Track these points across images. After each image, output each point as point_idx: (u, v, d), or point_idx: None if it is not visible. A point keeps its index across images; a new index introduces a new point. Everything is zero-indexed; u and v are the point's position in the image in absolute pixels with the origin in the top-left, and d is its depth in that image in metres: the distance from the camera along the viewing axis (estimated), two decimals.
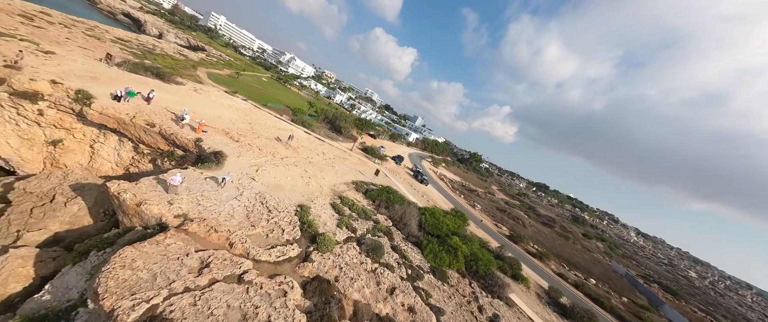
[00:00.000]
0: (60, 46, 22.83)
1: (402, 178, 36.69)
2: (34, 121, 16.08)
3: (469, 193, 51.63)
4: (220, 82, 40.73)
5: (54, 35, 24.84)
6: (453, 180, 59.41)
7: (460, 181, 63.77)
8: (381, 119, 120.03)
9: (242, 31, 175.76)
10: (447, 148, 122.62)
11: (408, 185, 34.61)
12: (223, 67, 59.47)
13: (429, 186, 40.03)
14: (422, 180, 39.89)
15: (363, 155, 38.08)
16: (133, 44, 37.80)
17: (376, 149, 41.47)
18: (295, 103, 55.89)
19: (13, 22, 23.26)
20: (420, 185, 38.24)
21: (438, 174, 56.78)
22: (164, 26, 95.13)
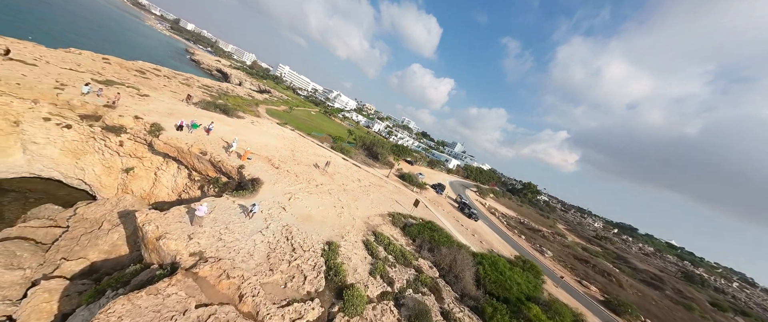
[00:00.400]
0: (155, 92, 27.13)
1: (445, 210, 31.74)
2: (115, 151, 17.94)
3: (531, 233, 42.36)
4: (275, 115, 44.41)
5: (155, 84, 30.20)
6: (507, 215, 50.40)
7: (516, 216, 53.94)
8: (418, 145, 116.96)
9: (301, 77, 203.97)
10: (493, 176, 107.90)
11: (453, 219, 29.45)
12: (280, 104, 66.52)
13: (479, 222, 33.43)
14: (470, 214, 33.86)
15: (400, 183, 34.90)
16: (214, 89, 44.58)
17: (414, 176, 37.90)
18: (337, 131, 57.67)
19: (128, 74, 29.11)
20: (468, 221, 32.21)
21: (487, 207, 49.14)
22: (243, 77, 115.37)
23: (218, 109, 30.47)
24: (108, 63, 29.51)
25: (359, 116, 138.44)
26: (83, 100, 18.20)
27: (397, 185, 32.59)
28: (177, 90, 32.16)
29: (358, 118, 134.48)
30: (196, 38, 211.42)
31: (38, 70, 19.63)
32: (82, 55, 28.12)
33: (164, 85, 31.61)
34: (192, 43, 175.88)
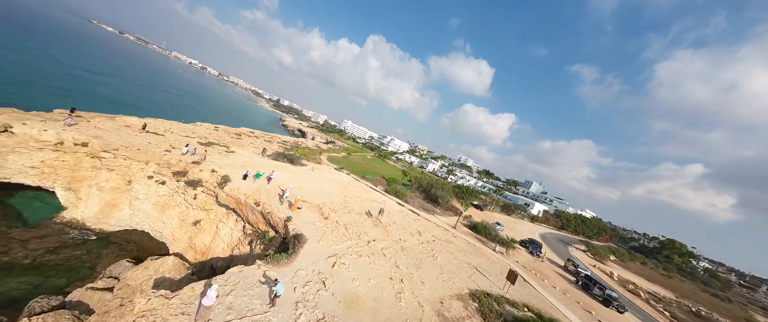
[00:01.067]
0: (241, 148, 30.30)
1: (558, 287, 20.45)
2: (189, 204, 18.26)
3: None
4: (334, 161, 45.16)
5: (244, 142, 34.63)
6: (658, 295, 31.05)
7: (675, 298, 32.94)
8: (483, 186, 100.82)
9: (360, 127, 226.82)
10: (602, 227, 77.35)
11: (579, 306, 18.29)
12: (340, 151, 70.33)
13: (627, 314, 20.22)
14: (608, 298, 20.61)
15: (472, 236, 26.39)
16: (289, 144, 49.88)
17: (490, 227, 28.54)
18: (391, 173, 54.49)
19: (228, 137, 34.33)
20: (605, 311, 19.38)
21: (616, 278, 32.20)
22: (316, 132, 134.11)
23: (286, 158, 31.82)
24: (216, 130, 36.07)
25: (412, 157, 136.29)
26: (179, 158, 20.30)
27: (470, 240, 24.35)
28: (259, 146, 36.14)
29: (410, 159, 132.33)
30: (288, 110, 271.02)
31: (162, 138, 23.94)
32: (201, 127, 35.23)
33: (251, 143, 36.08)
34: (285, 114, 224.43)
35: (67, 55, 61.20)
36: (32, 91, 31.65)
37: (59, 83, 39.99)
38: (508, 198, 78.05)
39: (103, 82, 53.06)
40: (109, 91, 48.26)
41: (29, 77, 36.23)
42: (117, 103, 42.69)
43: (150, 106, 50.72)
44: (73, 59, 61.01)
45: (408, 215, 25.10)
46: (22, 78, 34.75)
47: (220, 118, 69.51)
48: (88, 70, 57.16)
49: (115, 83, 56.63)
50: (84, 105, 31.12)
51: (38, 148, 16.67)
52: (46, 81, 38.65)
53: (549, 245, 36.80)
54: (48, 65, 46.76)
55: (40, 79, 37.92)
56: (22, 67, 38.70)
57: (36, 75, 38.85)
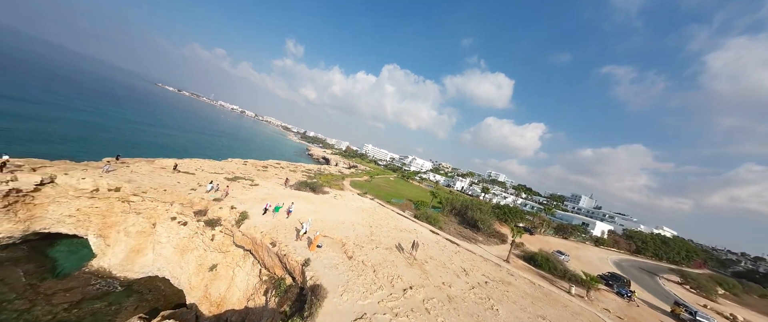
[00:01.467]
0: (264, 180, 29.87)
1: None
2: (207, 246, 16.88)
3: None
4: (357, 186, 43.10)
5: (269, 174, 34.60)
6: None
7: None
8: (523, 204, 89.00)
9: (381, 150, 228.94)
10: (691, 248, 61.31)
11: None
12: (363, 175, 68.79)
13: None
14: None
15: (533, 271, 20.82)
16: (313, 172, 49.71)
17: (552, 259, 22.44)
18: (417, 195, 50.33)
19: (254, 170, 34.70)
20: None
21: None
22: (339, 159, 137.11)
23: (308, 187, 30.52)
24: (244, 164, 36.99)
25: (436, 176, 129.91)
26: (201, 196, 19.71)
27: (533, 279, 18.94)
28: (283, 176, 35.91)
29: (435, 178, 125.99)
30: (313, 140, 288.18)
31: (192, 177, 24.26)
32: (231, 162, 36.42)
33: (275, 174, 36.02)
34: (311, 144, 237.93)
35: (135, 113, 72.77)
36: (100, 145, 36.40)
37: (123, 136, 46.15)
38: (560, 218, 65.78)
39: (161, 133, 60.68)
40: (163, 139, 54.60)
41: (99, 134, 42.36)
42: (166, 147, 47.46)
43: (194, 148, 55.78)
44: (139, 116, 72.12)
45: (446, 246, 20.86)
46: (94, 135, 40.73)
47: (252, 153, 74.19)
48: (150, 123, 66.58)
49: (169, 132, 64.56)
50: (138, 152, 34.45)
51: (76, 196, 17.13)
52: (113, 135, 44.85)
53: (632, 279, 28.15)
54: (119, 124, 55.14)
55: (108, 135, 44.12)
56: (95, 127, 45.72)
57: (105, 132, 45.42)
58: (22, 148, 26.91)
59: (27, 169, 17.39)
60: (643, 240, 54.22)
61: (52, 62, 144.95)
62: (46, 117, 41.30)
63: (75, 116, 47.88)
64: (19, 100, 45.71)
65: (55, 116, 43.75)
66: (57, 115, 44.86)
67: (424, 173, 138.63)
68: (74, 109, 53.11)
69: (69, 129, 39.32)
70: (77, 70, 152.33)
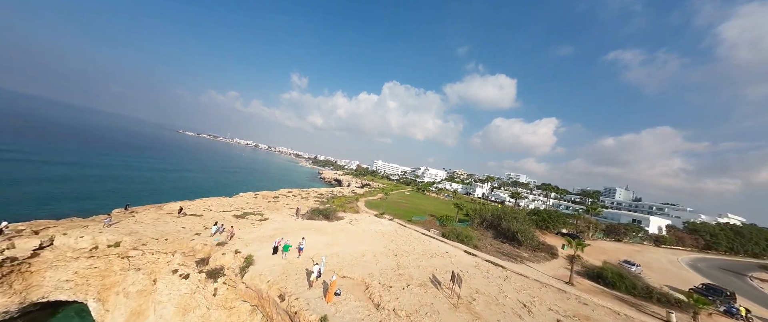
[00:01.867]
0: (275, 212, 27.94)
1: None
2: (209, 303, 14.49)
3: None
4: (372, 206, 40.23)
5: (280, 204, 32.82)
6: None
7: None
8: (556, 204, 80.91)
9: (391, 165, 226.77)
10: None
11: None
12: (377, 192, 65.91)
13: None
14: None
15: (607, 293, 16.42)
16: (325, 196, 47.69)
17: (625, 274, 17.63)
18: (439, 209, 46.35)
19: (265, 202, 33.11)
20: None
21: None
22: (350, 178, 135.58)
23: (321, 215, 28.20)
24: (255, 198, 35.64)
25: (453, 184, 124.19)
26: (205, 241, 17.78)
27: (612, 306, 14.60)
28: (294, 205, 34.03)
29: (452, 186, 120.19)
30: (324, 163, 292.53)
31: (199, 219, 22.72)
32: (241, 197, 35.23)
33: (287, 204, 34.21)
34: (322, 167, 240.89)
35: (158, 161, 76.10)
36: (120, 196, 36.60)
37: (144, 185, 47.01)
38: (606, 217, 57.27)
39: (180, 176, 62.19)
40: (182, 182, 55.51)
41: (121, 186, 43.28)
42: (184, 189, 47.72)
43: (211, 186, 56.24)
44: (162, 163, 75.34)
45: (490, 271, 17.12)
46: (117, 188, 41.60)
47: (265, 184, 74.29)
48: (171, 169, 68.93)
49: (188, 174, 66.26)
50: (155, 198, 34.14)
51: (74, 257, 15.71)
52: (135, 185, 45.76)
53: (722, 284, 22.10)
54: (143, 173, 57.13)
55: (130, 185, 45.06)
56: (119, 179, 47.07)
57: (127, 183, 46.53)
58: (47, 208, 27.07)
59: (28, 232, 16.42)
60: (711, 233, 45.82)
61: (86, 124, 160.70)
62: (78, 176, 43.12)
63: (104, 172, 49.89)
64: (54, 163, 48.65)
65: (87, 174, 45.65)
66: (89, 173, 46.83)
67: (439, 182, 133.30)
68: (103, 166, 55.90)
69: (96, 185, 40.45)
70: (109, 129, 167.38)
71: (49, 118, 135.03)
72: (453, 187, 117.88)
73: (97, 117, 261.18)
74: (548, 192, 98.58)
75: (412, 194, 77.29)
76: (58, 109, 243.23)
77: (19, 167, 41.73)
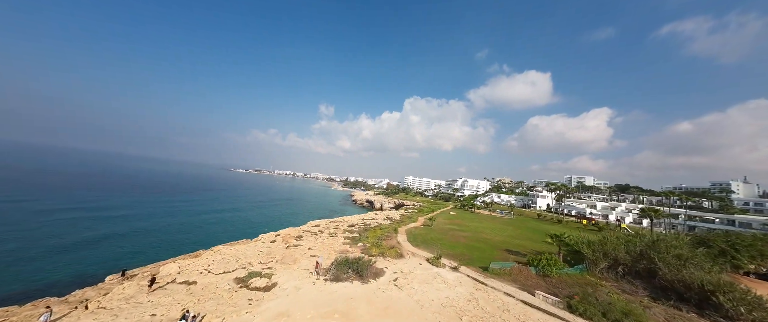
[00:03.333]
0: (289, 267, 20.13)
1: None
2: None
3: None
4: (419, 241, 29.91)
5: (300, 251, 25.14)
6: None
7: None
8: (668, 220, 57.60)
9: (423, 179, 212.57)
10: None
11: None
12: (417, 215, 55.18)
13: None
14: None
15: None
16: (356, 228, 39.17)
17: None
18: (511, 238, 33.30)
19: (281, 247, 25.85)
20: None
21: None
22: (382, 199, 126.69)
23: (351, 270, 19.28)
24: (274, 242, 28.91)
25: (502, 196, 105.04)
26: None
27: None
28: (319, 245, 26.07)
29: (502, 199, 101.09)
30: (355, 185, 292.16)
31: (184, 292, 15.88)
32: (259, 241, 28.86)
33: (309, 247, 26.50)
34: (353, 189, 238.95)
35: (201, 203, 78.33)
36: (149, 251, 33.30)
37: (173, 234, 43.21)
38: (743, 226, 37.62)
39: (212, 217, 60.20)
40: (212, 226, 50.37)
41: (150, 240, 39.46)
42: (208, 235, 43.65)
43: (239, 224, 53.24)
44: (204, 204, 77.52)
45: None
46: (148, 242, 38.36)
47: (297, 215, 70.10)
48: (210, 210, 68.84)
49: (222, 214, 65.14)
50: (174, 250, 29.97)
51: None
52: (167, 235, 42.17)
53: None
54: (183, 218, 57.07)
55: (162, 236, 41.64)
56: (155, 232, 44.09)
57: (161, 233, 43.07)
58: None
59: None
60: None
61: (154, 173, 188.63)
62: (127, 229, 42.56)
63: (148, 224, 48.01)
64: (120, 216, 50.23)
65: (140, 227, 44.04)
66: (141, 225, 45.58)
67: (485, 195, 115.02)
68: (154, 215, 57.24)
69: (142, 238, 37.50)
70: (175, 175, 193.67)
71: (137, 174, 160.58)
72: (505, 199, 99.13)
73: (166, 166, 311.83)
74: (637, 196, 74.30)
75: (459, 213, 64.02)
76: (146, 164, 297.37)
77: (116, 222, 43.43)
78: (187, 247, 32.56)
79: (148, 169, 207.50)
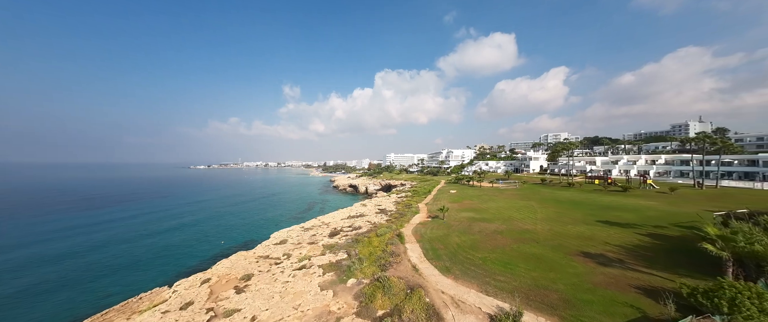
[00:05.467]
0: None
1: None
2: None
3: None
4: (444, 258, 19.05)
5: (265, 276, 12.48)
6: None
7: None
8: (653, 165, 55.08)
9: (405, 155, 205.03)
10: None
11: None
12: (415, 201, 45.07)
13: None
14: None
15: None
16: (342, 237, 27.25)
17: None
18: (557, 222, 24.24)
19: (254, 270, 12.82)
20: None
21: None
22: (367, 181, 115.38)
23: None
24: (229, 271, 15.57)
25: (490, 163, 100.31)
26: None
27: None
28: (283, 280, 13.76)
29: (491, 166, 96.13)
30: (335, 168, 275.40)
31: None
32: (221, 265, 15.36)
33: (292, 264, 13.97)
34: (333, 173, 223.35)
35: (148, 219, 58.46)
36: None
37: (92, 270, 28.38)
38: None
39: (155, 244, 43.92)
40: (162, 251, 36.67)
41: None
42: (150, 267, 29.01)
43: (196, 245, 37.58)
44: (143, 217, 57.92)
45: None
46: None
47: (267, 214, 55.53)
48: (153, 231, 51.22)
49: (174, 231, 48.11)
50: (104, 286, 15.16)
51: None
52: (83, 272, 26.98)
53: None
54: (88, 255, 39.38)
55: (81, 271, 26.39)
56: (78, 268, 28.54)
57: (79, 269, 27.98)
58: None
59: None
60: None
61: (87, 182, 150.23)
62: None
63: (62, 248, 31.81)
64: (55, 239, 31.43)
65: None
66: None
67: (471, 163, 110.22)
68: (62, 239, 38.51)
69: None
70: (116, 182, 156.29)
71: (62, 186, 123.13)
72: (491, 166, 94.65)
73: (112, 172, 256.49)
74: (598, 147, 72.90)
75: (459, 189, 55.58)
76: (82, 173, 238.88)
77: None
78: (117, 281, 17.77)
79: (83, 178, 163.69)
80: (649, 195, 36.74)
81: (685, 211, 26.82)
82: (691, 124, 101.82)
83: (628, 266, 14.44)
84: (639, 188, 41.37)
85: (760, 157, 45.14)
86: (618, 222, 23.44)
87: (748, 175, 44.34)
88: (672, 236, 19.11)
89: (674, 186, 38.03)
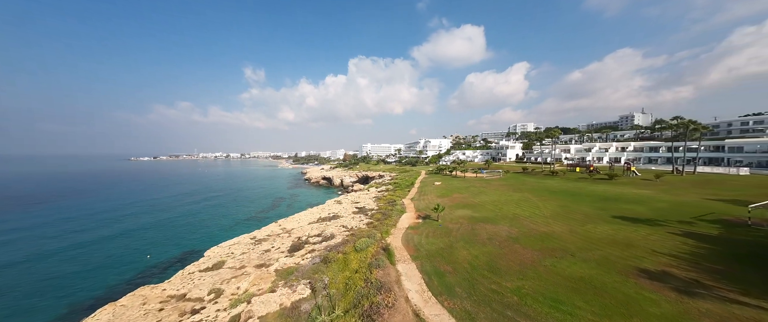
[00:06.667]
0: None
1: None
2: None
3: None
4: (454, 294, 13.32)
5: None
6: None
7: None
8: (643, 151, 56.95)
9: (381, 145, 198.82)
10: None
11: None
12: (398, 197, 39.12)
13: None
14: None
15: None
16: (303, 265, 19.47)
17: None
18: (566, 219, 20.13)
19: None
20: None
21: None
22: (342, 173, 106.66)
23: None
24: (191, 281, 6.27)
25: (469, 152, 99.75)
26: None
27: None
28: None
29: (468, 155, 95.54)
30: (307, 160, 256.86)
31: None
32: None
33: None
34: (304, 165, 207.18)
35: (57, 233, 41.38)
36: None
37: None
38: None
39: (76, 254, 29.96)
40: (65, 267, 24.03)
41: None
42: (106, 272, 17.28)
43: (126, 270, 25.59)
44: (45, 229, 41.02)
45: None
46: None
47: (219, 219, 44.11)
48: (63, 253, 35.83)
49: (92, 249, 34.00)
50: None
51: None
52: None
53: None
54: None
55: None
56: None
57: None
58: None
59: None
60: None
61: None
62: None
63: None
64: None
65: None
66: None
67: (448, 153, 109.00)
68: None
69: None
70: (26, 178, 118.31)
71: None
72: (468, 156, 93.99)
73: (21, 166, 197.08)
74: (589, 136, 75.43)
75: (443, 181, 51.26)
76: None
77: None
78: None
79: None
80: (637, 183, 36.30)
81: (688, 200, 25.38)
82: (637, 115, 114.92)
83: (718, 293, 10.15)
84: (623, 176, 41.59)
85: (726, 144, 49.27)
86: (636, 217, 20.34)
87: (712, 160, 47.31)
88: (717, 237, 16.01)
89: (659, 173, 38.24)
